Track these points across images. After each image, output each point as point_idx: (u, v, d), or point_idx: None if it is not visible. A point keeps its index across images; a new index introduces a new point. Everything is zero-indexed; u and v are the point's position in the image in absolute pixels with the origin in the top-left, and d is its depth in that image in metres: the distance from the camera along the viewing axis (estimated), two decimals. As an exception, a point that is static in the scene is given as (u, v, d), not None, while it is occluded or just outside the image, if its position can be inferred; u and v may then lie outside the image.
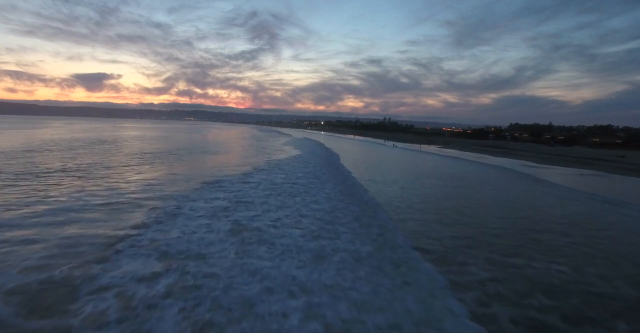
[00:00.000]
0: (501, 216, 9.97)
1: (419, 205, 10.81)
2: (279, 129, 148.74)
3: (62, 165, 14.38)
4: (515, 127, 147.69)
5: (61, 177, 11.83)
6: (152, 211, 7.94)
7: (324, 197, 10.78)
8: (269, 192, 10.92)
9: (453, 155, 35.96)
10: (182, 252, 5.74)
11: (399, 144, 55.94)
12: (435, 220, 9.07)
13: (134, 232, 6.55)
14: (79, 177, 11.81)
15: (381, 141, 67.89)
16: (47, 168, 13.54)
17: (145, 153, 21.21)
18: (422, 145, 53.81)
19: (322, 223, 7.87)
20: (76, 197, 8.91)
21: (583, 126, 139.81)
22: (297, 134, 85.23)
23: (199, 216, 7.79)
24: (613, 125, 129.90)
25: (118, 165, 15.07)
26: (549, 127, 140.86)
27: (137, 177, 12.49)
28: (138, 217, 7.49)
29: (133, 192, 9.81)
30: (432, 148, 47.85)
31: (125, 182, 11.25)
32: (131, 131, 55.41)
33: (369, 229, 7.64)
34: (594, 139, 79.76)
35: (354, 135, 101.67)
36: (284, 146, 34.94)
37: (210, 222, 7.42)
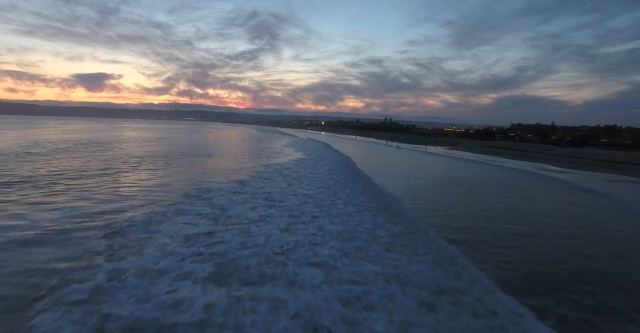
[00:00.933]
0: (565, 247, 7.72)
1: (456, 223, 8.84)
2: (279, 129, 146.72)
3: (31, 173, 12.43)
4: (518, 127, 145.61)
5: (21, 188, 9.89)
6: (109, 240, 5.98)
7: (341, 212, 8.84)
8: (269, 208, 8.92)
9: (466, 157, 33.91)
10: (133, 318, 3.77)
11: (403, 145, 53.92)
12: (483, 253, 7.09)
13: (72, 278, 4.61)
14: (40, 188, 9.86)
15: (383, 142, 65.90)
16: (11, 176, 11.61)
17: (132, 157, 19.28)
18: (427, 147, 51.79)
19: (347, 257, 5.82)
20: (20, 218, 6.96)
21: (586, 126, 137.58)
22: (299, 134, 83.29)
23: (171, 248, 5.81)
24: (617, 126, 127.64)
25: (95, 173, 13.11)
26: (553, 128, 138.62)
27: (110, 187, 10.52)
28: (86, 252, 5.50)
29: (95, 212, 7.80)
30: (440, 149, 45.79)
31: (92, 196, 9.27)
32: (127, 131, 53.57)
33: (421, 266, 5.61)
34: (602, 140, 77.64)
35: (356, 135, 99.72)
36: (286, 148, 33.00)
37: (186, 256, 5.47)
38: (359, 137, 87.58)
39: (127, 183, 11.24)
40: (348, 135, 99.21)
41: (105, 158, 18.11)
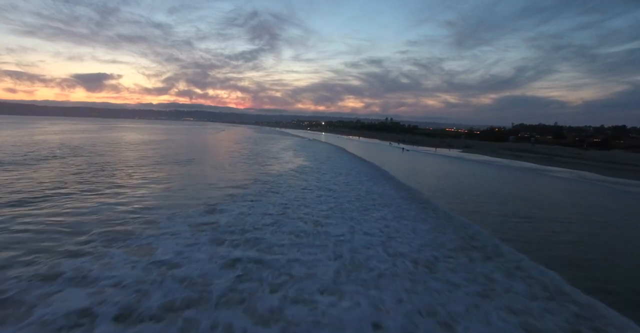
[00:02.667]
0: None
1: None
2: (279, 129, 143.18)
3: None
4: (521, 128, 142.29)
5: None
6: None
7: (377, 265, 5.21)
8: (251, 265, 5.34)
9: (494, 162, 30.26)
10: None
11: (410, 147, 50.28)
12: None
13: None
14: None
15: (387, 143, 62.30)
16: None
17: (93, 164, 15.73)
18: (437, 149, 48.20)
19: None
20: None
21: (590, 127, 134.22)
22: (301, 134, 79.56)
23: None
24: (627, 126, 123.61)
25: (13, 197, 9.56)
26: (559, 128, 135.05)
27: (6, 225, 6.88)
28: None
29: None
30: (454, 152, 42.18)
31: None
32: (116, 132, 49.94)
33: None
34: (619, 141, 74.11)
35: (358, 136, 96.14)
36: (285, 151, 29.47)
37: None
38: (361, 138, 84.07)
39: (39, 214, 7.62)
40: (350, 136, 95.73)
41: (58, 167, 14.56)
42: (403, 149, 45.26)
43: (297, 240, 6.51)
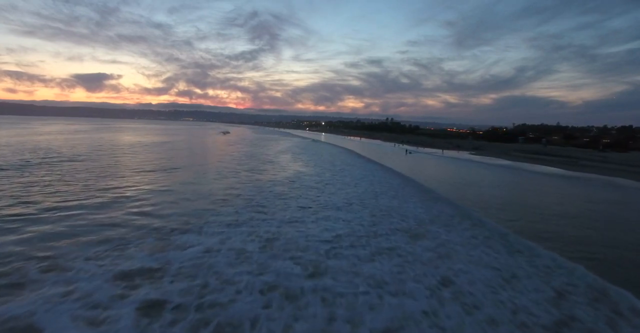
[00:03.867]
0: None
1: None
2: (279, 129, 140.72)
3: None
4: (522, 128, 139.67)
5: None
6: None
7: None
8: None
9: (510, 166, 27.55)
10: None
11: (411, 148, 47.78)
12: None
13: None
14: None
15: (391, 145, 59.82)
16: None
17: (52, 173, 13.39)
18: (444, 150, 45.68)
19: None
20: None
21: (592, 127, 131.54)
22: (302, 135, 76.99)
23: None
24: (633, 126, 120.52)
25: None
26: (564, 128, 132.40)
27: None
28: None
29: None
30: (464, 154, 39.55)
31: None
32: (107, 133, 47.58)
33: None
34: (631, 142, 71.52)
35: (359, 137, 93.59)
36: (283, 154, 27.03)
37: None
38: (362, 139, 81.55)
39: None
40: (351, 137, 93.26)
41: (8, 176, 12.17)
42: (406, 150, 41.94)
43: (283, 309, 4.08)
